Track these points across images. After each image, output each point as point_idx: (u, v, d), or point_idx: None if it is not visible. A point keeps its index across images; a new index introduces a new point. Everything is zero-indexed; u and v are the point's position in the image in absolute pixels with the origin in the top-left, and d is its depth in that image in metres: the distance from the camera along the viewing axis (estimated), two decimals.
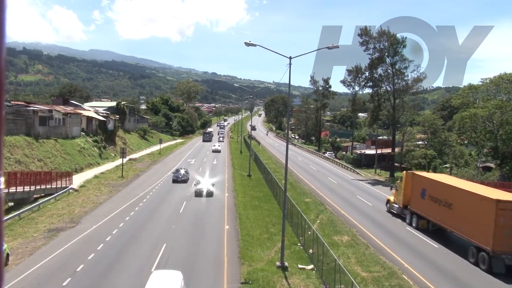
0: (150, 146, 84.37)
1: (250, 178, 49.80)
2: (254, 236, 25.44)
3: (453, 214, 24.08)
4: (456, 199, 24.01)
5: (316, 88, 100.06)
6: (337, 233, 27.40)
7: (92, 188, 39.22)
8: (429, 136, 63.32)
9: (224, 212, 31.58)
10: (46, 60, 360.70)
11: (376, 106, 60.93)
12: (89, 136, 59.23)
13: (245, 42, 21.81)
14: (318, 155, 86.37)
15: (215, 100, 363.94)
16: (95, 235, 24.58)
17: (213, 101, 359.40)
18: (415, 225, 28.94)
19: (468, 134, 51.35)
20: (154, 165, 58.12)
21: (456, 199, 23.97)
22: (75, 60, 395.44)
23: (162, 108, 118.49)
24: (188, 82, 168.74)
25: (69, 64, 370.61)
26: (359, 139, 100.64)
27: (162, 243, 23.13)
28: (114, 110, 78.76)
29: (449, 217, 24.55)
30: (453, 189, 24.53)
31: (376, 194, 44.88)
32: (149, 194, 37.67)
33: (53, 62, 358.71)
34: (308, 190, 44.08)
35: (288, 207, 27.61)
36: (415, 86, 58.16)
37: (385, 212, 35.28)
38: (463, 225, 23.02)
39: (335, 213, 33.58)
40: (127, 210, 31.16)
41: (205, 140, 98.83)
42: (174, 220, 28.70)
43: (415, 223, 28.97)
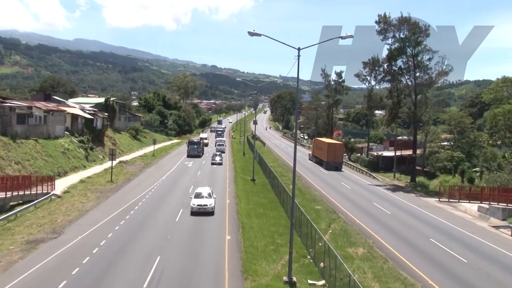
0: (142, 147, 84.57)
1: (254, 182, 49.85)
2: (258, 247, 25.35)
3: (321, 152, 67.31)
4: (322, 145, 67.26)
5: (328, 82, 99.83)
6: (352, 244, 27.28)
7: (78, 194, 39.22)
8: (455, 136, 62.96)
9: (225, 221, 31.50)
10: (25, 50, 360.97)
11: (395, 102, 60.61)
12: (74, 136, 59.37)
13: (248, 32, 21.75)
14: None
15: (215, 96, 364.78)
16: (80, 247, 24.52)
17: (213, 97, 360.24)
18: (314, 161, 72.25)
19: (501, 134, 50.91)
20: (147, 168, 58.19)
21: (322, 145, 67.14)
22: (57, 51, 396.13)
23: (156, 105, 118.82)
24: (185, 76, 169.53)
25: (51, 55, 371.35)
26: (375, 139, 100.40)
27: (156, 256, 23.06)
28: (102, 107, 78.97)
29: (320, 153, 68.20)
30: (322, 142, 68.63)
31: (395, 201, 44.66)
32: (142, 200, 37.65)
33: (32, 52, 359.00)
34: (319, 196, 43.97)
35: (297, 215, 27.48)
36: (439, 80, 57.70)
37: (406, 221, 35.10)
38: (322, 154, 66.69)
39: (349, 222, 33.47)
40: (117, 218, 31.12)
41: (191, 154, 70.47)
42: (169, 229, 28.65)
43: (314, 160, 72.68)
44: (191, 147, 71.53)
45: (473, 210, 40.06)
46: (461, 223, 35.91)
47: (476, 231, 33.12)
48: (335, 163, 65.08)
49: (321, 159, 67.84)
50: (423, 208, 40.98)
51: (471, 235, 31.97)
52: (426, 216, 37.95)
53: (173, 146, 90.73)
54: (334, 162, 65.09)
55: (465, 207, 41.89)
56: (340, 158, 66.64)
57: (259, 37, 22.04)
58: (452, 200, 44.57)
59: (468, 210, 40.86)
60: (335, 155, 65.17)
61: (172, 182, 47.70)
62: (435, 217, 37.32)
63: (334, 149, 65.65)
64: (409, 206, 42.24)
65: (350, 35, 22.16)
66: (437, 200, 45.69)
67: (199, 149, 72.03)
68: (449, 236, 31.39)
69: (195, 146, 72.16)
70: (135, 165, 61.11)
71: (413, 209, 40.63)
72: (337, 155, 66.00)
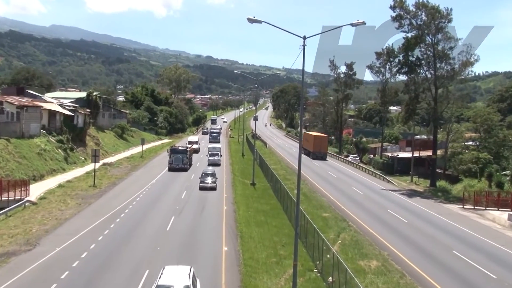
0: (129, 147, 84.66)
1: (254, 187, 49.92)
2: (259, 260, 25.35)
3: (308, 143, 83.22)
4: (309, 138, 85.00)
5: (337, 75, 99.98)
6: (364, 256, 27.26)
7: (56, 201, 39.19)
8: (482, 135, 62.82)
9: (222, 230, 31.48)
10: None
11: (413, 97, 60.59)
12: (51, 135, 59.39)
13: (248, 18, 21.74)
14: (338, 158, 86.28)
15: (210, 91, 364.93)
16: (59, 260, 24.45)
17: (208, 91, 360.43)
18: (304, 153, 74.61)
19: None
20: (135, 171, 58.21)
21: (309, 138, 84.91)
22: (32, 39, 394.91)
23: (144, 101, 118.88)
24: (177, 68, 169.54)
25: (24, 44, 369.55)
26: (390, 139, 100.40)
27: (144, 269, 23.05)
28: (84, 103, 79.02)
29: (308, 145, 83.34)
30: (309, 135, 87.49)
31: (413, 208, 44.63)
32: (128, 207, 37.64)
33: (3, 40, 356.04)
34: (327, 202, 43.98)
35: (302, 223, 27.47)
36: (463, 72, 57.59)
37: (425, 231, 35.07)
38: (309, 146, 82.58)
39: (361, 232, 33.45)
40: (101, 227, 31.09)
41: (174, 167, 58.38)
42: (159, 240, 28.66)
43: (304, 152, 74.37)
44: (174, 157, 58.65)
45: (503, 219, 39.93)
46: (488, 233, 35.80)
47: (506, 243, 32.99)
48: (320, 153, 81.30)
49: (309, 150, 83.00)
50: (445, 216, 40.89)
51: (501, 247, 31.84)
52: (448, 225, 37.86)
53: (164, 147, 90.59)
54: (320, 152, 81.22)
55: (493, 215, 41.79)
56: (324, 149, 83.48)
57: (259, 25, 22.05)
58: (478, 207, 44.49)
59: (497, 218, 40.75)
60: (320, 146, 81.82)
61: (163, 187, 47.69)
62: (458, 226, 37.25)
63: (319, 141, 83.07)
64: (429, 213, 42.16)
65: (362, 22, 22.12)
66: (460, 207, 45.62)
67: (185, 160, 59.15)
68: (475, 248, 31.33)
69: (180, 155, 59.13)
70: (121, 167, 61.11)
71: (433, 217, 40.55)
72: (322, 146, 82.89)
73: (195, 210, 37.44)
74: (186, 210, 37.00)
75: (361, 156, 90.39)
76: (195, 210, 37.28)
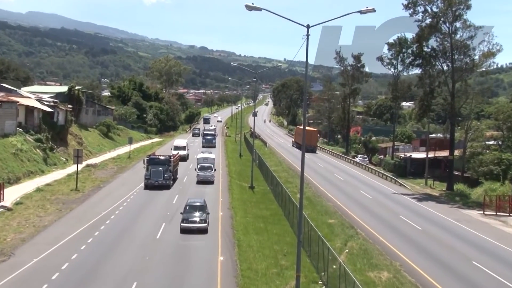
0: (116, 147, 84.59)
1: (253, 190, 49.98)
2: (258, 270, 25.32)
3: (299, 137, 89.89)
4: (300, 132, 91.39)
5: (344, 68, 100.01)
6: (374, 267, 27.24)
7: (33, 206, 38.98)
8: (505, 133, 62.74)
9: (218, 238, 31.47)
10: None
11: (427, 91, 60.60)
12: (29, 133, 59.22)
13: (246, 5, 21.76)
14: (346, 159, 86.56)
15: (205, 85, 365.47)
16: (36, 272, 24.34)
17: (202, 86, 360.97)
18: (296, 146, 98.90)
19: None
20: (122, 173, 58.16)
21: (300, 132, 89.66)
22: (6, 26, 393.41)
23: (132, 96, 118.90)
24: (168, 60, 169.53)
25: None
26: (402, 138, 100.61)
27: (132, 281, 23.03)
28: (65, 98, 78.90)
29: (299, 138, 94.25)
30: (300, 129, 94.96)
31: (427, 214, 44.64)
32: (115, 213, 37.58)
33: None
34: (333, 207, 44.01)
35: (305, 230, 27.44)
36: (484, 63, 57.57)
37: (441, 239, 35.04)
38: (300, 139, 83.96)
39: (370, 240, 33.44)
40: (84, 235, 30.98)
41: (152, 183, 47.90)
42: (148, 249, 28.62)
43: (295, 146, 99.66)
44: (152, 170, 48.24)
45: None
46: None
47: None
48: (311, 146, 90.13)
49: (300, 143, 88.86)
50: (463, 223, 40.88)
51: None
52: (466, 232, 37.86)
53: (154, 146, 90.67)
54: (310, 145, 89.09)
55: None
56: (314, 142, 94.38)
57: (259, 12, 22.04)
58: (500, 213, 44.54)
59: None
60: (310, 140, 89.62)
61: (152, 191, 47.51)
62: (478, 235, 37.19)
63: (309, 135, 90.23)
64: (446, 220, 42.17)
65: (372, 9, 22.09)
66: (481, 213, 45.61)
67: (167, 174, 48.28)
68: (497, 258, 31.23)
69: (160, 168, 48.53)
70: (106, 169, 61.04)
71: (451, 224, 40.56)
72: (312, 139, 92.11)
73: (196, 186, 37.08)
74: (178, 216, 36.84)
75: (370, 157, 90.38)
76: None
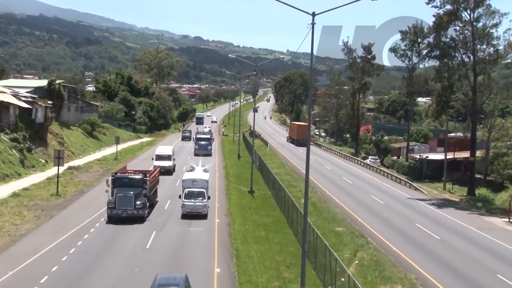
0: (101, 147, 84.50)
1: (253, 195, 50.03)
2: (259, 284, 25.29)
3: (293, 132, 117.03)
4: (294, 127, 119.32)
5: (353, 60, 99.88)
6: (386, 280, 27.24)
7: (9, 213, 38.85)
8: None
9: (214, 247, 31.43)
10: None
11: (446, 86, 60.56)
12: (4, 132, 59.10)
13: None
14: (355, 161, 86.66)
15: (200, 79, 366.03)
16: (12, 286, 24.29)
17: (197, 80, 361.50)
18: (290, 141, 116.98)
19: None
20: (107, 177, 57.90)
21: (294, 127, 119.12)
22: None
23: (119, 91, 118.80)
24: (158, 51, 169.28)
25: None
26: (418, 137, 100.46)
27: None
28: (44, 93, 78.76)
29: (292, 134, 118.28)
30: (294, 125, 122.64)
31: (446, 221, 44.61)
32: (100, 220, 37.49)
33: None
34: (341, 214, 44.04)
35: (310, 239, 27.38)
36: (510, 54, 57.34)
37: (461, 249, 35.04)
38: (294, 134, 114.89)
39: (382, 250, 33.46)
40: (65, 245, 30.90)
41: (118, 213, 36.95)
42: (137, 259, 28.59)
43: (289, 141, 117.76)
44: (119, 196, 37.34)
45: None
46: None
47: None
48: (304, 141, 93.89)
49: (293, 138, 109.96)
50: (486, 232, 40.86)
51: None
52: (490, 242, 37.88)
53: (143, 147, 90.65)
54: (303, 140, 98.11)
55: None
56: None
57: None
58: None
59: None
60: (303, 134, 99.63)
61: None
62: (503, 244, 37.21)
63: (302, 130, 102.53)
64: (466, 228, 42.20)
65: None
66: (506, 220, 45.69)
67: (139, 200, 37.57)
68: None
69: (131, 192, 37.44)
70: (90, 172, 60.98)
71: (472, 233, 40.59)
72: (305, 134, 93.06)
73: (181, 223, 37.32)
74: (170, 223, 36.86)
75: (382, 158, 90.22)
76: (181, 223, 37.17)
